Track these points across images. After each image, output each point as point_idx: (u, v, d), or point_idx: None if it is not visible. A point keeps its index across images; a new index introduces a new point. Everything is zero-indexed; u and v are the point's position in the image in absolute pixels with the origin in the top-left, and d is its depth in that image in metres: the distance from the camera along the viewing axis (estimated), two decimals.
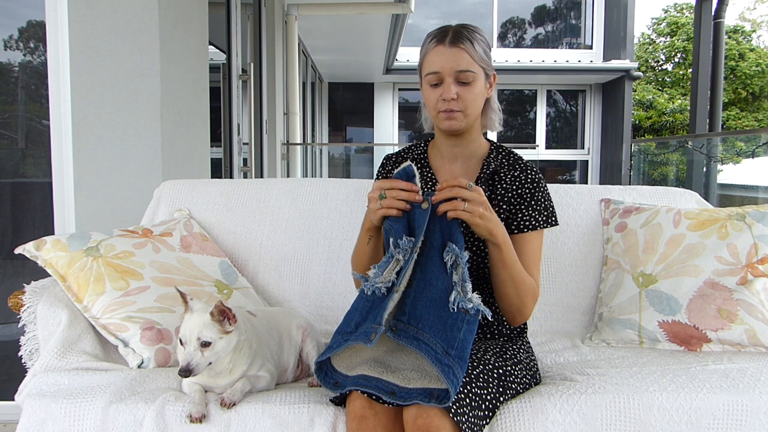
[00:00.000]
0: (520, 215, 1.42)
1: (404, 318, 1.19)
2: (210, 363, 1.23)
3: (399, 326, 1.18)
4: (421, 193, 1.27)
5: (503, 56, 11.17)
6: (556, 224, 1.46)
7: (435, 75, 1.37)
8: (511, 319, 1.39)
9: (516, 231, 1.42)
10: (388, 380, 1.18)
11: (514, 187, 1.44)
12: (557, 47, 12.09)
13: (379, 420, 1.16)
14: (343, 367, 1.25)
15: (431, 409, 1.13)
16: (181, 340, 1.23)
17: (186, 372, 1.18)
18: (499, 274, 1.32)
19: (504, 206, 1.43)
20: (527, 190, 1.44)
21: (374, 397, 1.16)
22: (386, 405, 1.16)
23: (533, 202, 1.43)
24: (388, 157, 1.59)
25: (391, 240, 1.27)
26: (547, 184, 1.52)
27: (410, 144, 1.61)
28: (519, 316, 1.38)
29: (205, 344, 1.21)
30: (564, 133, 12.01)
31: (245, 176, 4.24)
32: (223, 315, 1.24)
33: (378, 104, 11.39)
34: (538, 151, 11.05)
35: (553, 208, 1.46)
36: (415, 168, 1.31)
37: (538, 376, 1.39)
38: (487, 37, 1.43)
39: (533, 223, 1.42)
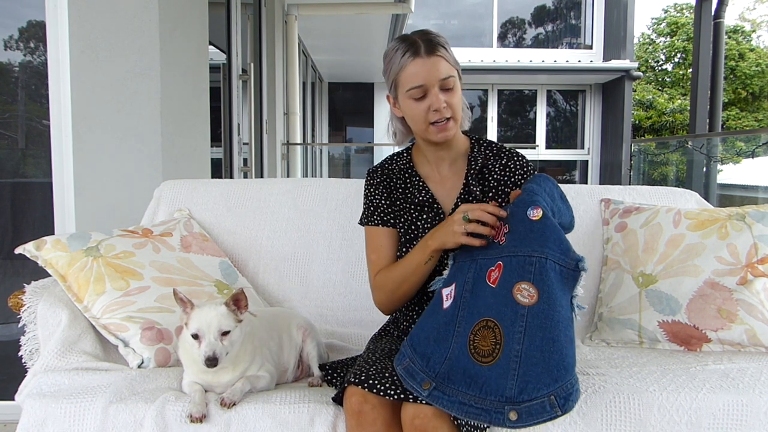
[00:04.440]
0: None
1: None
2: (227, 353, 1.25)
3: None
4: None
5: (503, 56, 11.17)
6: None
7: (419, 88, 1.35)
8: None
9: None
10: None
11: (506, 176, 1.45)
12: (557, 47, 12.09)
13: (378, 413, 1.16)
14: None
15: (429, 409, 1.13)
16: (196, 335, 1.24)
17: (212, 360, 1.21)
18: None
19: (499, 198, 1.44)
20: (519, 176, 1.45)
21: (374, 391, 1.16)
22: (384, 398, 1.16)
23: None
24: (373, 171, 1.53)
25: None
26: None
27: (392, 154, 1.57)
28: None
29: (225, 333, 1.25)
30: (564, 133, 12.01)
31: (245, 176, 4.24)
32: (236, 304, 1.29)
33: (378, 104, 11.40)
34: (538, 151, 11.05)
35: None
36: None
37: None
38: (488, 37, 1.44)
39: None
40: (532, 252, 1.17)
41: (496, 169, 1.46)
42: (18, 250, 1.55)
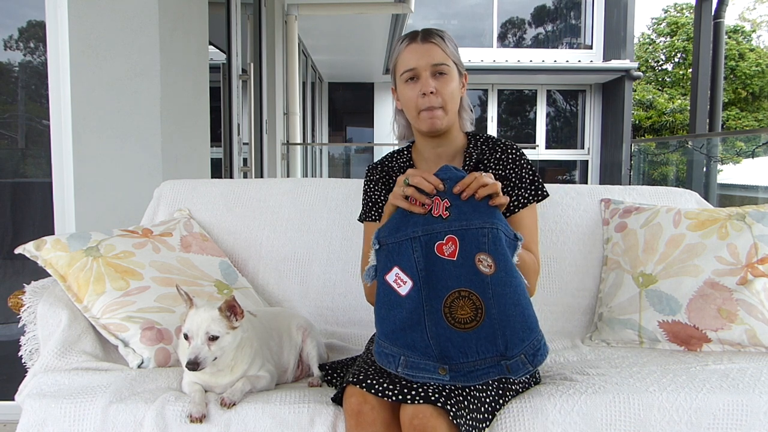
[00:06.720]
0: (511, 196, 1.43)
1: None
2: (215, 358, 1.24)
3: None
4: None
5: (503, 56, 11.17)
6: (547, 195, 1.48)
7: (411, 71, 1.39)
8: None
9: (508, 214, 1.43)
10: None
11: (499, 170, 1.45)
12: (557, 47, 12.09)
13: (377, 414, 1.16)
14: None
15: (427, 409, 1.13)
16: (186, 335, 1.24)
17: (194, 365, 1.20)
18: None
19: None
20: (511, 171, 1.45)
21: (373, 391, 1.16)
22: (383, 398, 1.16)
23: (518, 181, 1.45)
24: (372, 168, 1.56)
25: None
26: (547, 184, 1.52)
27: (393, 151, 1.59)
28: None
29: (213, 338, 1.23)
30: (564, 133, 12.01)
31: (245, 176, 4.24)
32: (231, 310, 1.27)
33: (378, 104, 11.39)
34: (538, 151, 11.06)
35: (541, 181, 1.48)
36: (458, 174, 1.27)
37: (537, 376, 1.39)
38: (488, 37, 1.44)
39: (522, 201, 1.44)
40: (483, 224, 1.22)
41: (491, 164, 1.47)
42: (18, 250, 1.55)
